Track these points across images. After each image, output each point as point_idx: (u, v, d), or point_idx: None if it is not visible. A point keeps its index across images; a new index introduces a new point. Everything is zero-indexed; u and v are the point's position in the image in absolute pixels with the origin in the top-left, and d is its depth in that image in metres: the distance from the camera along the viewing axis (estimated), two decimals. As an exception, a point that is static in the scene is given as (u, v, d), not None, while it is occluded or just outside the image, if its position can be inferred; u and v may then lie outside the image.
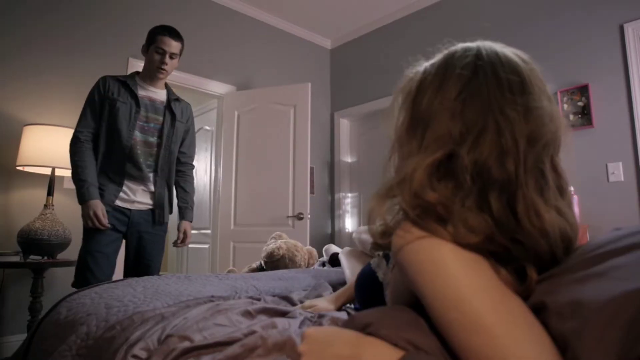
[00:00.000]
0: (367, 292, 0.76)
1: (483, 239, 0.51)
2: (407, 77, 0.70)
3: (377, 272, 0.79)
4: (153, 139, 2.14)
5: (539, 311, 0.48)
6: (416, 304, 0.58)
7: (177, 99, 2.28)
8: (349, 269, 1.49)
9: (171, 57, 2.11)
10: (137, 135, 2.09)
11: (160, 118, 2.17)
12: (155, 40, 2.07)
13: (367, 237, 1.62)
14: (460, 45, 0.66)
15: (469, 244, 0.51)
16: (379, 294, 0.78)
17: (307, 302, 1.05)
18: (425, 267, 0.51)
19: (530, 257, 0.54)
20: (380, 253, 0.81)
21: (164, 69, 2.12)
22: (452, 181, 0.55)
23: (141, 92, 2.14)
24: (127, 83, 2.12)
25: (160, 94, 2.22)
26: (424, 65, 0.68)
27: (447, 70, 0.62)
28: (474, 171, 0.54)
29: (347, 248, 1.67)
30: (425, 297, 0.51)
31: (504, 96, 0.56)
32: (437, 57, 0.67)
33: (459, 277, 0.49)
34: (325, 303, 1.03)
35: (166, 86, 2.28)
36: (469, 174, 0.54)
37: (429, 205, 0.53)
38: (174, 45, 2.09)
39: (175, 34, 2.10)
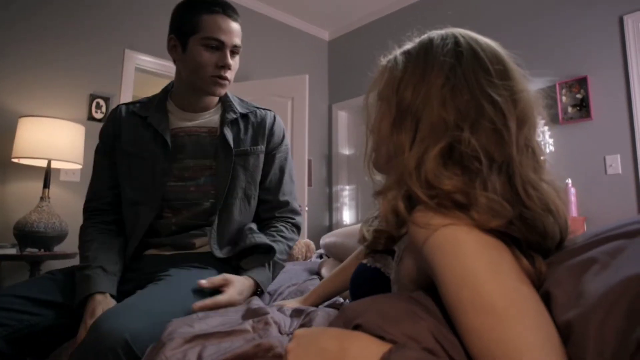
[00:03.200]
0: (369, 292, 0.76)
1: (506, 222, 0.52)
2: (381, 69, 0.70)
3: (382, 269, 0.79)
4: None
5: (545, 301, 0.49)
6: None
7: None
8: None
9: (233, 53, 1.19)
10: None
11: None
12: (202, 26, 1.13)
13: (336, 240, 1.62)
14: (435, 33, 0.66)
15: (492, 228, 0.51)
16: (381, 291, 0.77)
17: (277, 303, 1.06)
18: (447, 249, 0.51)
19: (540, 240, 0.54)
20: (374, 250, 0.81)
21: (225, 77, 1.19)
22: (458, 167, 0.56)
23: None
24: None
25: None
26: (396, 55, 0.68)
27: (428, 58, 0.62)
28: (482, 155, 0.55)
29: (323, 267, 1.64)
30: (443, 278, 0.51)
31: (491, 82, 0.58)
32: (411, 46, 0.68)
33: (478, 258, 0.49)
34: (294, 304, 1.04)
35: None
36: (477, 159, 0.55)
37: (446, 194, 0.54)
38: (235, 30, 1.18)
39: (233, 10, 1.21)
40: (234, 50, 1.18)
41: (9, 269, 2.62)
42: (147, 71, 3.40)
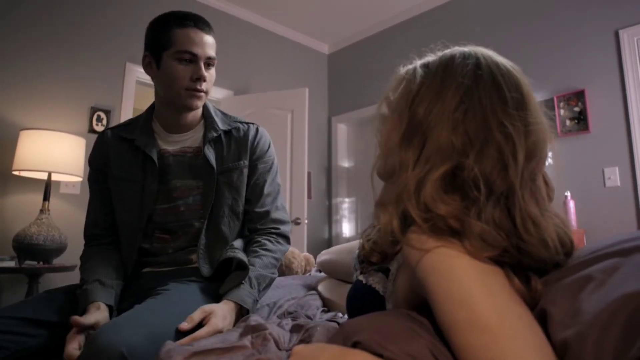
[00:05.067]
0: (364, 309, 0.76)
1: (499, 252, 0.52)
2: (398, 78, 0.68)
3: (376, 287, 0.79)
4: None
5: (541, 319, 0.50)
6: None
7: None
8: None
9: (208, 65, 1.19)
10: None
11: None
12: (174, 41, 1.13)
13: (331, 257, 1.61)
14: (458, 50, 0.65)
15: (486, 256, 0.52)
16: (376, 309, 0.77)
17: None
18: (441, 270, 0.52)
19: (536, 265, 0.54)
20: (369, 267, 0.81)
21: (201, 90, 1.17)
22: (458, 193, 0.56)
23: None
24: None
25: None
26: (416, 66, 0.67)
27: (446, 76, 0.61)
28: (482, 184, 0.54)
29: (321, 283, 1.62)
30: (438, 298, 0.51)
31: (506, 111, 0.57)
32: (432, 60, 0.66)
33: (473, 281, 0.50)
34: None
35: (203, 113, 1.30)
36: (476, 187, 0.55)
37: (441, 219, 0.54)
38: (208, 43, 1.17)
39: (205, 23, 1.18)
40: (209, 63, 1.18)
41: (8, 282, 2.61)
42: (147, 84, 3.42)
